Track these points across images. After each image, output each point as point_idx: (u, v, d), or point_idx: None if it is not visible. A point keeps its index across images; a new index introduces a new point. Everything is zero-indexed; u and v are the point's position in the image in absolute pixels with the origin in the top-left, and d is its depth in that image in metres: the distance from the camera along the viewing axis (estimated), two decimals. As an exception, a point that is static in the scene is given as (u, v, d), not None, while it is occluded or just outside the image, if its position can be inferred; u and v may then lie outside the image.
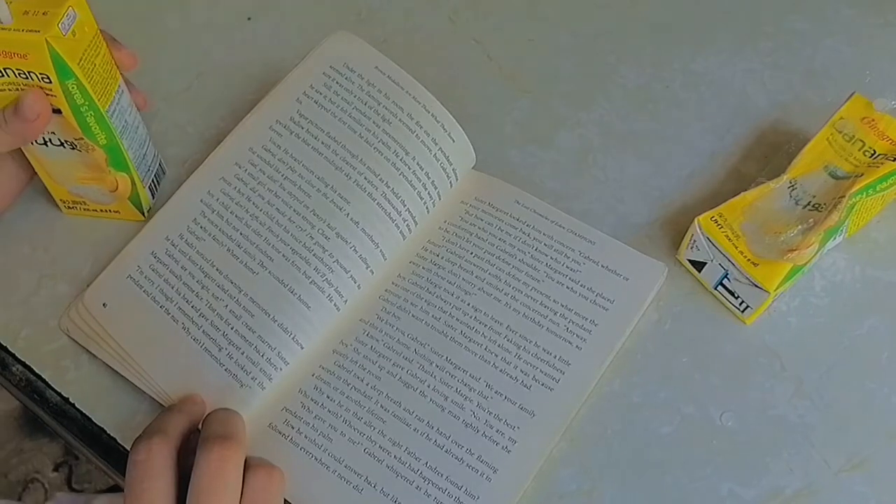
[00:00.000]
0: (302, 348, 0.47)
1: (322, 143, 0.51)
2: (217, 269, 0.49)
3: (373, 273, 0.50)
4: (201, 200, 0.51)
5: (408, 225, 0.51)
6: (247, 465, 0.41)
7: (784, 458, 0.46)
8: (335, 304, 0.48)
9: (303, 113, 0.52)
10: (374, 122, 0.52)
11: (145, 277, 0.49)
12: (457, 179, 0.54)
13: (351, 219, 0.49)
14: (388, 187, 0.50)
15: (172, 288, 0.48)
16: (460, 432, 0.46)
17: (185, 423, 0.43)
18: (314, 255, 0.48)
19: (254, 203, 0.50)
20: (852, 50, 0.63)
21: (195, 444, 0.41)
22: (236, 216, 0.50)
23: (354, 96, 0.52)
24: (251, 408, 0.46)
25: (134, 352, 0.47)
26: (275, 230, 0.49)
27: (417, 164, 0.51)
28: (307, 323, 0.47)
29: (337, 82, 0.53)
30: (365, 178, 0.50)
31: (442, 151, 0.52)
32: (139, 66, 0.51)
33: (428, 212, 0.52)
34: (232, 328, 0.47)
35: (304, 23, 0.67)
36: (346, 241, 0.49)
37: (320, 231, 0.49)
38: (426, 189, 0.52)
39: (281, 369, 0.47)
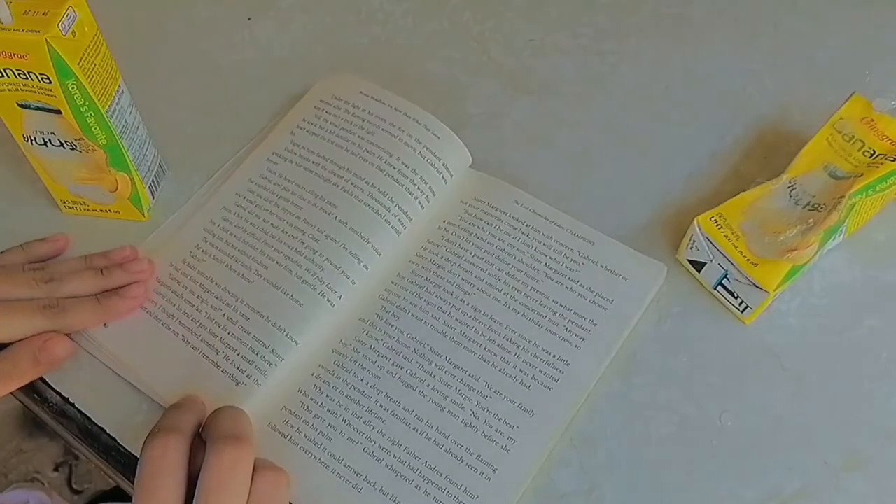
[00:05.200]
0: (297, 344, 0.47)
1: (313, 162, 0.54)
2: (216, 284, 0.50)
3: (367, 269, 0.50)
4: (204, 228, 0.53)
5: (400, 220, 0.52)
6: (254, 467, 0.41)
7: (784, 458, 0.46)
8: (329, 300, 0.49)
9: (296, 142, 0.56)
10: (358, 136, 0.54)
11: (150, 301, 0.50)
12: (451, 175, 0.54)
13: (339, 220, 0.51)
14: (374, 188, 0.52)
15: (174, 306, 0.50)
16: (460, 432, 0.46)
17: (195, 421, 0.43)
18: (305, 257, 0.50)
19: (251, 223, 0.52)
20: (852, 50, 0.63)
21: (198, 443, 0.41)
22: (235, 237, 0.52)
23: (341, 119, 0.56)
24: (249, 406, 0.46)
25: (132, 360, 0.48)
26: (270, 242, 0.51)
27: (402, 163, 0.53)
28: (301, 320, 0.48)
29: (326, 111, 0.56)
30: (351, 184, 0.52)
31: (427, 149, 0.53)
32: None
33: (422, 207, 0.53)
34: (229, 333, 0.48)
35: (304, 23, 0.67)
36: (335, 241, 0.50)
37: (310, 236, 0.51)
38: (415, 185, 0.53)
39: (276, 365, 0.47)
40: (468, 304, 0.50)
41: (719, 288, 0.50)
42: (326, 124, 0.56)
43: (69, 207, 0.55)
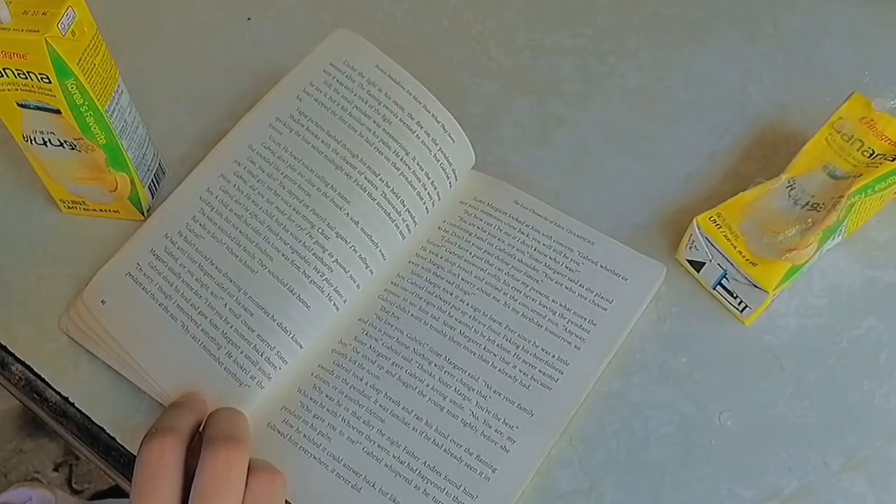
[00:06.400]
0: (301, 348, 0.47)
1: (322, 141, 0.51)
2: (216, 268, 0.48)
3: (372, 273, 0.50)
4: (200, 198, 0.51)
5: (407, 225, 0.51)
6: (249, 468, 0.40)
7: (783, 458, 0.46)
8: (334, 304, 0.48)
9: (303, 111, 0.52)
10: (374, 122, 0.51)
11: (144, 275, 0.49)
12: (456, 180, 0.54)
13: (351, 218, 0.49)
14: (388, 187, 0.50)
15: (171, 286, 0.48)
16: (459, 431, 0.46)
17: (193, 421, 0.43)
18: (314, 254, 0.48)
19: (253, 201, 0.50)
20: (852, 50, 0.63)
21: (197, 443, 0.41)
22: (235, 214, 0.50)
23: (355, 95, 0.52)
24: (250, 407, 0.46)
25: (132, 349, 0.47)
26: (274, 228, 0.49)
27: (417, 164, 0.51)
28: (306, 323, 0.47)
29: (337, 80, 0.53)
30: (365, 178, 0.50)
31: (442, 152, 0.52)
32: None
33: (427, 212, 0.52)
34: (231, 327, 0.47)
35: (304, 23, 0.67)
36: (346, 241, 0.49)
37: (320, 230, 0.49)
38: (426, 189, 0.52)
39: (280, 369, 0.47)
40: (468, 304, 0.50)
41: (718, 288, 0.50)
42: (338, 97, 0.52)
43: (69, 207, 0.55)
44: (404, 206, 0.51)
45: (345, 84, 0.53)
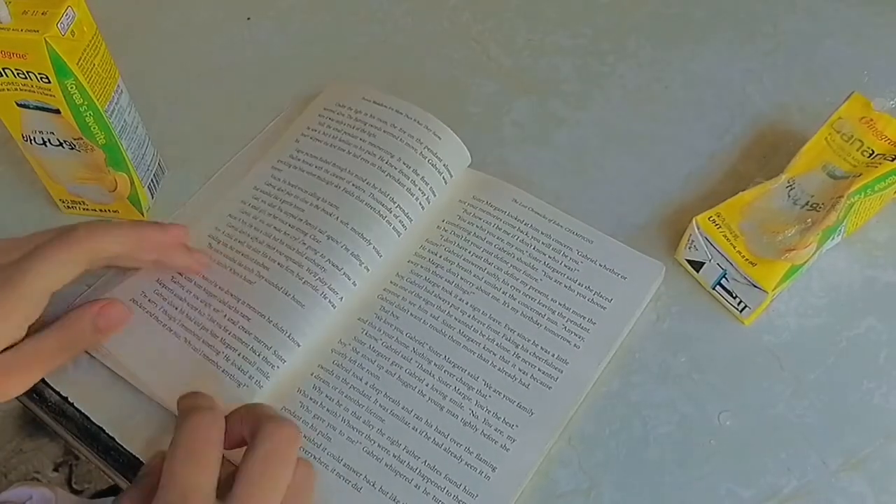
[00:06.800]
0: (299, 346, 0.47)
1: (315, 167, 0.54)
2: (219, 287, 0.50)
3: (368, 270, 0.50)
4: (209, 235, 0.52)
5: (401, 221, 0.52)
6: None
7: (782, 458, 0.46)
8: (330, 302, 0.48)
9: (300, 149, 0.56)
10: (359, 139, 0.54)
11: (149, 301, 0.50)
12: (451, 175, 0.54)
13: (340, 221, 0.51)
14: (375, 188, 0.52)
15: (176, 308, 0.49)
16: (459, 431, 0.46)
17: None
18: (306, 258, 0.49)
19: (255, 228, 0.52)
20: (851, 50, 0.63)
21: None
22: (239, 241, 0.52)
23: (344, 124, 0.56)
24: (250, 407, 0.46)
25: (132, 364, 0.48)
26: (272, 245, 0.51)
27: (404, 163, 0.53)
28: (303, 321, 0.48)
29: (330, 118, 0.57)
30: (353, 185, 0.52)
31: (429, 149, 0.53)
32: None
33: (422, 208, 0.53)
34: (229, 333, 0.48)
35: (304, 23, 0.67)
36: (337, 242, 0.50)
37: (312, 237, 0.50)
38: (416, 185, 0.52)
39: (278, 368, 0.47)
40: (467, 303, 0.50)
41: (718, 288, 0.50)
42: (330, 130, 0.56)
43: (68, 207, 0.55)
44: (394, 202, 0.52)
45: (336, 119, 0.56)
